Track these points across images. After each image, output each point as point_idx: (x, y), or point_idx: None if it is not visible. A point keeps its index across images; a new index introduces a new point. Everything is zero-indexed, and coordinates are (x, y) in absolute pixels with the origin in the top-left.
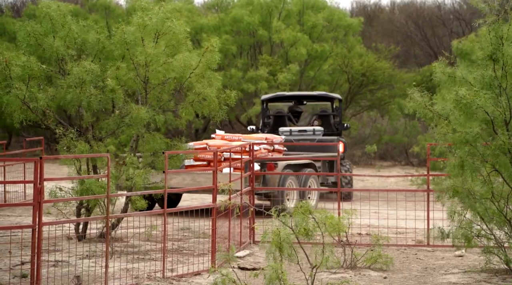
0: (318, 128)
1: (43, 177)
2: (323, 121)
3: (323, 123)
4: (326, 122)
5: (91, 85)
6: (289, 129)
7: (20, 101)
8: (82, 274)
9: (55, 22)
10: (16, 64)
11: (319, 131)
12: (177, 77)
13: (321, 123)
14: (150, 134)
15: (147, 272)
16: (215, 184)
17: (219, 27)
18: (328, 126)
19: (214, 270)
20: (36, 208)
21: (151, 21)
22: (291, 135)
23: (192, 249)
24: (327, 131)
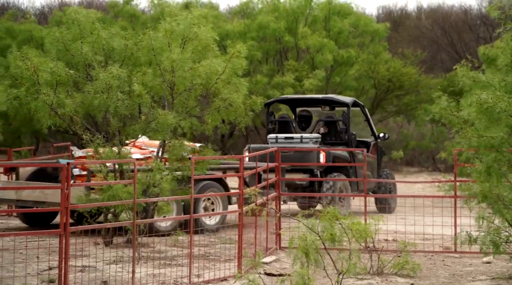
0: (308, 136)
1: (69, 182)
2: (329, 128)
3: (329, 131)
4: (332, 129)
5: (118, 91)
6: (275, 136)
7: (48, 106)
8: (109, 279)
9: (83, 28)
10: (44, 70)
11: (312, 138)
12: (203, 83)
13: (327, 130)
14: (177, 140)
15: (173, 277)
16: (241, 189)
17: (244, 33)
18: (335, 133)
19: (241, 276)
20: (63, 214)
21: (178, 27)
22: (277, 142)
23: (219, 254)
24: (335, 140)
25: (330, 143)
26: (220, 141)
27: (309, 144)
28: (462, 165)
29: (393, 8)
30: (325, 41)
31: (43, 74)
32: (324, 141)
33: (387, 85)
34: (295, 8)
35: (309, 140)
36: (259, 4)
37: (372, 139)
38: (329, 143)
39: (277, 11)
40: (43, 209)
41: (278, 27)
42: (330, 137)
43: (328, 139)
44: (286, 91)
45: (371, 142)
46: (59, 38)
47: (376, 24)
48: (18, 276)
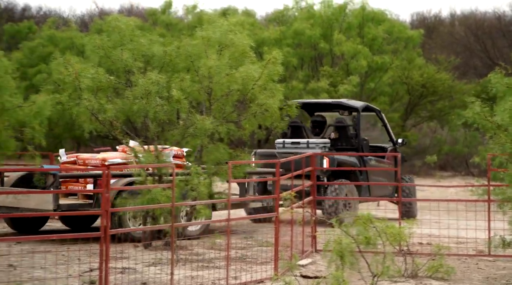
0: (315, 141)
1: (109, 186)
2: (340, 133)
3: (340, 136)
4: (343, 134)
5: (157, 96)
6: (282, 141)
7: (89, 112)
8: (149, 281)
9: (123, 35)
10: (85, 76)
11: (319, 143)
12: (240, 88)
13: (338, 136)
14: (214, 145)
15: (211, 279)
16: (277, 193)
17: (280, 40)
18: (345, 139)
19: (277, 278)
20: (104, 216)
21: (214, 34)
22: (284, 147)
23: (255, 257)
24: (346, 145)
25: (341, 149)
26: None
27: (315, 150)
28: (496, 170)
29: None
30: (359, 47)
31: (84, 80)
32: (335, 147)
33: (421, 90)
34: (329, 15)
35: (316, 146)
36: (295, 11)
37: (390, 145)
38: (340, 149)
39: (312, 18)
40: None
41: (313, 34)
42: (341, 143)
43: (339, 144)
44: (321, 96)
45: (388, 148)
46: (100, 45)
47: (410, 31)
48: (60, 277)
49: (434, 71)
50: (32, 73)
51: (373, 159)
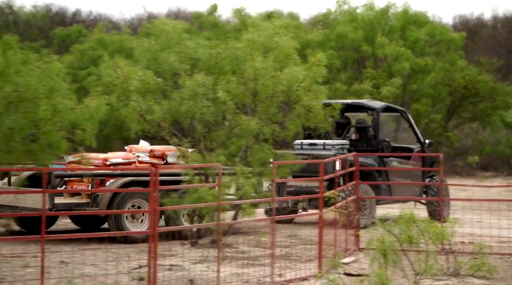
0: (331, 142)
1: (157, 186)
2: (360, 135)
3: (361, 137)
4: (363, 135)
5: (203, 98)
6: (300, 142)
7: (137, 113)
8: (196, 278)
9: (170, 39)
10: (133, 78)
11: (335, 145)
12: (284, 90)
13: (359, 137)
14: (259, 145)
15: (256, 277)
16: (321, 192)
17: (324, 43)
18: (366, 140)
19: (321, 275)
20: (152, 215)
21: (260, 37)
22: (301, 148)
23: (300, 255)
24: (366, 146)
25: (361, 150)
26: None
27: (331, 151)
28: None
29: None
30: (402, 50)
31: (132, 82)
32: (356, 148)
33: (463, 92)
34: (372, 18)
35: (332, 147)
36: (338, 14)
37: (417, 146)
38: (360, 150)
39: (355, 21)
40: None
41: (356, 37)
42: (361, 144)
43: (359, 146)
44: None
45: (415, 149)
46: (148, 48)
47: (452, 33)
48: (110, 273)
49: (476, 73)
50: (82, 75)
51: (395, 160)
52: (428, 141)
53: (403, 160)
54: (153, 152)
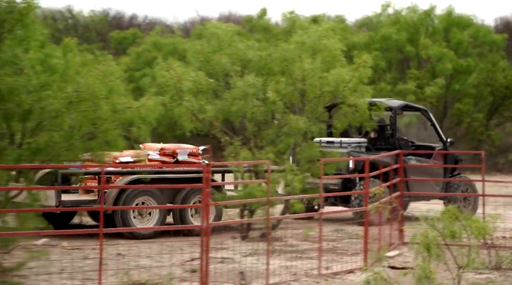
0: (348, 140)
1: (210, 182)
2: (379, 133)
3: (379, 135)
4: (381, 134)
5: (253, 98)
6: (319, 140)
7: (190, 112)
8: (246, 270)
9: (222, 41)
10: (186, 79)
11: (351, 143)
12: (331, 90)
13: (377, 135)
14: (307, 143)
15: (304, 269)
16: (366, 189)
17: (369, 45)
18: (384, 138)
19: (367, 268)
20: (205, 210)
21: (308, 39)
22: (320, 146)
23: (346, 249)
24: (384, 144)
25: (380, 148)
26: None
27: (347, 149)
28: None
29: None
30: (445, 51)
31: (185, 83)
32: (375, 146)
33: (504, 92)
34: (415, 20)
35: (348, 145)
36: (383, 17)
37: (439, 145)
38: (379, 148)
39: (399, 24)
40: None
41: (400, 39)
42: (380, 142)
43: (378, 144)
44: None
45: (436, 148)
46: (200, 50)
47: (494, 35)
48: (164, 265)
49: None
50: (138, 76)
51: (413, 159)
52: (449, 139)
53: (423, 158)
54: (163, 150)
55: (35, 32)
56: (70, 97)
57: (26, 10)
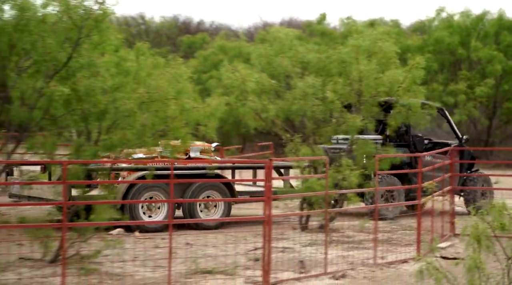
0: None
1: (271, 176)
2: (397, 132)
3: (398, 134)
4: (396, 131)
5: (313, 97)
6: (336, 137)
7: (253, 112)
8: (305, 259)
9: (283, 45)
10: (250, 80)
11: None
12: (386, 90)
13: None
14: (363, 140)
15: (360, 259)
16: (420, 183)
17: (422, 47)
18: (399, 136)
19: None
20: (267, 203)
21: (364, 42)
22: (337, 143)
23: (400, 240)
24: (400, 142)
25: (395, 146)
26: None
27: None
28: None
29: None
30: (495, 53)
31: (249, 84)
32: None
33: None
34: (468, 24)
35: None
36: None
37: (455, 142)
38: (394, 146)
39: (451, 28)
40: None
41: (452, 42)
42: (395, 140)
43: (393, 141)
44: (459, 97)
45: (452, 145)
46: (263, 54)
47: None
48: (229, 254)
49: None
50: (205, 78)
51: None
52: (465, 137)
53: (437, 155)
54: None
55: (110, 37)
56: (142, 98)
57: (102, 17)
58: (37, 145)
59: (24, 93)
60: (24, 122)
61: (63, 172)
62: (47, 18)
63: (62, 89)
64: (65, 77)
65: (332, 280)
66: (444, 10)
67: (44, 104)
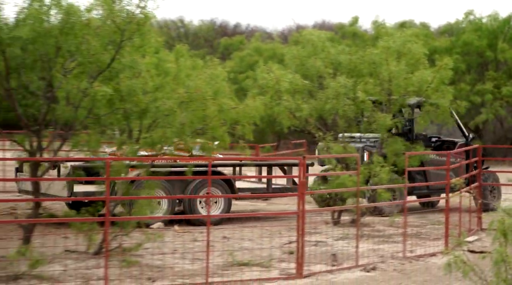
0: (367, 135)
1: (305, 173)
2: (400, 129)
3: (401, 131)
4: (402, 130)
5: (345, 97)
6: (342, 135)
7: (287, 111)
8: (338, 252)
9: (316, 46)
10: (284, 81)
11: (370, 138)
12: (415, 90)
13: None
14: (393, 138)
15: (390, 252)
16: (448, 179)
17: (450, 49)
18: (403, 134)
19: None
20: (300, 198)
21: (394, 44)
22: (344, 140)
23: (428, 234)
24: (404, 140)
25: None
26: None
27: (366, 144)
28: None
29: None
30: None
31: (283, 84)
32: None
33: None
34: (495, 27)
35: (367, 140)
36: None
37: (461, 140)
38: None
39: (480, 31)
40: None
41: (480, 44)
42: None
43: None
44: (486, 97)
45: (458, 143)
46: (297, 55)
47: None
48: (264, 247)
49: None
50: (241, 78)
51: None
52: (471, 135)
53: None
54: (179, 145)
55: (151, 39)
56: (181, 98)
57: (143, 21)
58: (82, 142)
59: (69, 93)
60: (69, 120)
61: (106, 169)
62: (92, 22)
63: (105, 89)
64: (108, 78)
65: (363, 272)
66: (472, 13)
67: (88, 103)
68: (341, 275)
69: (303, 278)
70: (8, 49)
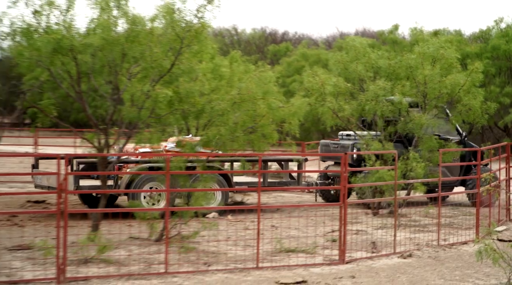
0: (363, 133)
1: (347, 167)
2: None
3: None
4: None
5: (383, 99)
6: (341, 133)
7: (331, 111)
8: (377, 241)
9: (358, 52)
10: (328, 84)
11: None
12: (449, 92)
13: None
14: (428, 136)
15: (425, 241)
16: (479, 175)
17: (481, 54)
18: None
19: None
20: (342, 191)
21: (429, 49)
22: (343, 139)
23: (460, 224)
24: (397, 138)
25: (396, 141)
26: None
27: (360, 141)
28: None
29: None
30: None
31: (327, 87)
32: (390, 139)
33: None
34: None
35: (360, 138)
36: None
37: (457, 138)
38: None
39: (508, 36)
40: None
41: (508, 49)
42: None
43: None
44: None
45: (452, 140)
46: (340, 60)
47: None
48: (309, 235)
49: None
50: (288, 81)
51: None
52: (465, 133)
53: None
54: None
55: (207, 46)
56: (234, 99)
57: (201, 29)
58: (144, 140)
59: (134, 96)
60: (133, 120)
61: (166, 164)
62: (154, 31)
63: (166, 92)
64: (169, 81)
65: (401, 259)
66: (503, 21)
67: (150, 104)
68: (380, 261)
69: (345, 264)
70: (79, 56)
